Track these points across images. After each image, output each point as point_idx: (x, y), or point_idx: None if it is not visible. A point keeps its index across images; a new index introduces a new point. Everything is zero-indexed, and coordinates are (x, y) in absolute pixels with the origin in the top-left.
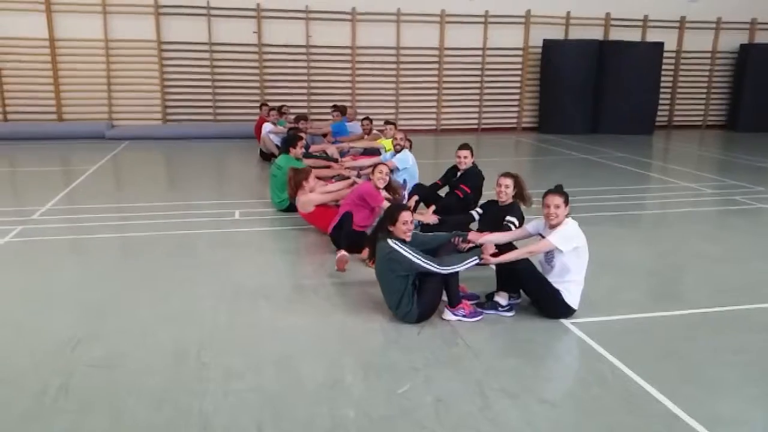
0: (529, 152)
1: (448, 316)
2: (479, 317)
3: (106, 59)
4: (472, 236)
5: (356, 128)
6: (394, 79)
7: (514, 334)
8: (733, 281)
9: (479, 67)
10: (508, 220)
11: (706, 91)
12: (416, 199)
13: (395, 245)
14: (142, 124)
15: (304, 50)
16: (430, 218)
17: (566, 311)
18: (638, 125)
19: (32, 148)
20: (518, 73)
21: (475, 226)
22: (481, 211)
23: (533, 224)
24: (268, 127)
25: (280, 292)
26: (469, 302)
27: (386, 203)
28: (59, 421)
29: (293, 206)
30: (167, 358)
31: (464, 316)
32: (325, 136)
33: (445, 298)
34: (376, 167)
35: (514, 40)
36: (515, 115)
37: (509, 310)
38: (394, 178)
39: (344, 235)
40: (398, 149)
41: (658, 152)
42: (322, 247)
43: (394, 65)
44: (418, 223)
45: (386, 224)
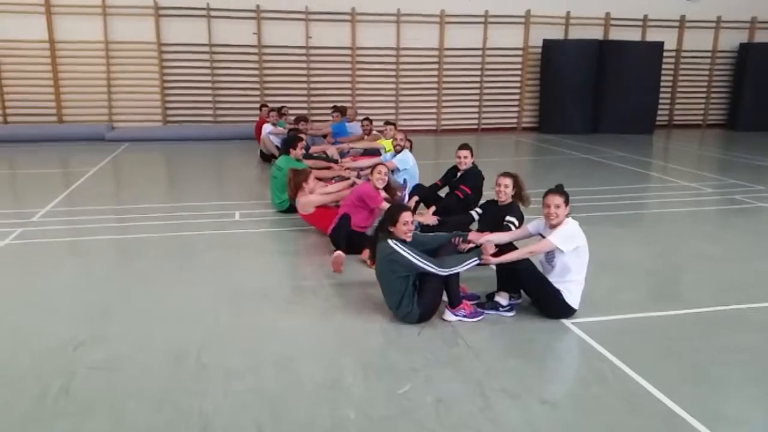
0: (529, 152)
1: (448, 316)
2: (480, 317)
3: (106, 61)
4: (472, 236)
5: (356, 129)
6: (393, 79)
7: (514, 334)
8: (733, 280)
9: (479, 67)
10: (508, 220)
11: (706, 90)
12: (416, 199)
13: (396, 246)
14: (142, 125)
15: (303, 51)
16: (429, 219)
17: (567, 311)
18: (638, 125)
19: (32, 150)
20: (518, 73)
21: (475, 226)
22: (480, 211)
23: (533, 224)
24: (268, 128)
25: (280, 293)
26: (469, 302)
27: (385, 204)
28: (60, 423)
29: (293, 207)
30: (167, 359)
31: (465, 316)
32: (325, 137)
33: (445, 298)
34: (374, 168)
35: (513, 40)
36: (515, 115)
37: (510, 310)
38: (393, 178)
39: (343, 236)
40: (398, 150)
41: (658, 151)
42: (322, 248)
43: (393, 66)
44: (417, 223)
45: (387, 225)
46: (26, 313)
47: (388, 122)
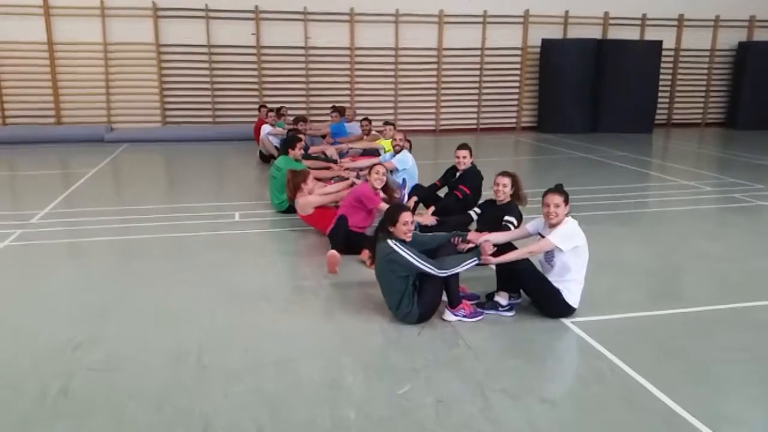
0: (528, 152)
1: (448, 316)
2: (479, 317)
3: (104, 62)
4: (471, 236)
5: (355, 129)
6: (392, 79)
7: (514, 334)
8: (733, 279)
9: (478, 67)
10: (506, 219)
11: (705, 88)
12: (415, 199)
13: (395, 246)
14: (141, 126)
15: (302, 51)
16: (428, 219)
17: (566, 310)
18: (637, 124)
19: (31, 151)
20: (517, 72)
21: (473, 226)
22: (479, 211)
23: (533, 223)
24: (266, 128)
25: (279, 293)
26: (469, 302)
27: (384, 205)
28: (59, 424)
29: (293, 208)
30: (167, 360)
31: (464, 316)
32: (324, 137)
33: (445, 298)
34: (372, 168)
35: (512, 39)
36: (514, 114)
37: (509, 310)
38: (392, 178)
39: (340, 237)
40: (397, 150)
41: (657, 150)
42: (321, 248)
43: (392, 66)
44: (416, 224)
45: (386, 225)
46: (26, 314)
47: (387, 122)
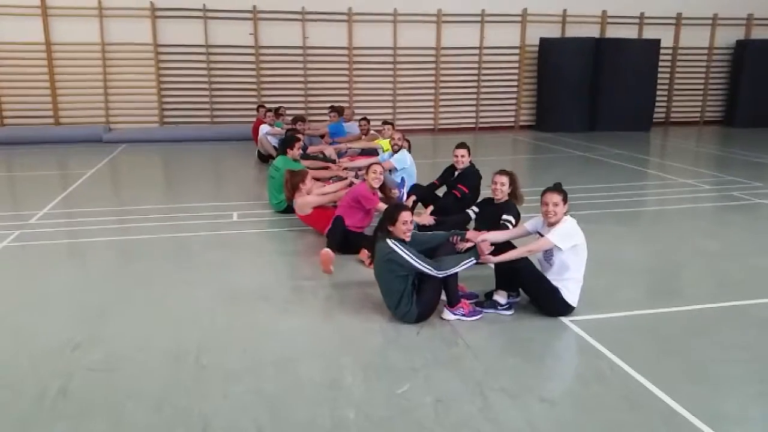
0: (526, 150)
1: (447, 315)
2: (478, 316)
3: (102, 63)
4: (470, 235)
5: (353, 129)
6: (391, 79)
7: (513, 333)
8: (732, 277)
9: (476, 66)
10: (504, 218)
11: (703, 87)
12: (414, 199)
13: (394, 246)
14: (139, 127)
15: (300, 51)
16: (426, 219)
17: (565, 309)
18: (635, 122)
19: (29, 152)
20: (515, 71)
21: (472, 225)
22: (477, 209)
23: (531, 222)
24: (265, 128)
25: (278, 293)
26: (468, 301)
27: (382, 205)
28: (58, 424)
29: (291, 207)
30: (166, 360)
31: (463, 315)
32: (322, 137)
33: (444, 297)
34: (369, 167)
35: (510, 38)
36: (512, 113)
37: (508, 308)
38: (389, 177)
39: (337, 238)
40: (396, 149)
41: (655, 149)
42: (320, 248)
43: (391, 65)
44: (415, 223)
45: (386, 224)
46: (24, 314)
47: (385, 122)
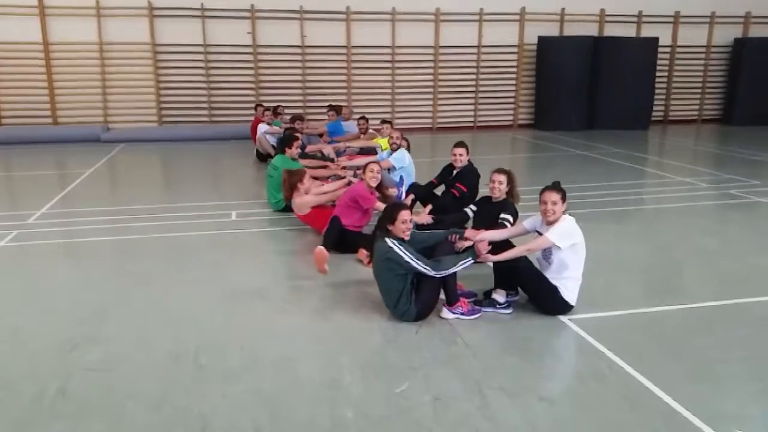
0: (525, 149)
1: (446, 314)
2: (477, 315)
3: (100, 62)
4: (468, 233)
5: (352, 127)
6: (389, 78)
7: (512, 331)
8: (730, 275)
9: (474, 64)
10: (502, 217)
11: (701, 85)
12: (412, 197)
13: (393, 245)
14: (137, 126)
15: (299, 50)
16: (424, 219)
17: (564, 308)
18: (634, 121)
19: (27, 151)
20: (513, 70)
21: (470, 224)
22: (475, 208)
23: (530, 221)
24: (263, 127)
25: (277, 292)
26: (466, 300)
27: (379, 204)
28: (57, 425)
29: (289, 207)
30: (165, 360)
31: (462, 314)
32: (321, 136)
33: (442, 296)
34: (367, 166)
35: (509, 37)
36: (511, 112)
37: (507, 307)
38: (387, 176)
39: (332, 239)
40: (394, 148)
41: (654, 147)
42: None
43: (389, 64)
44: (413, 223)
45: (385, 223)
46: (23, 314)
47: (384, 120)
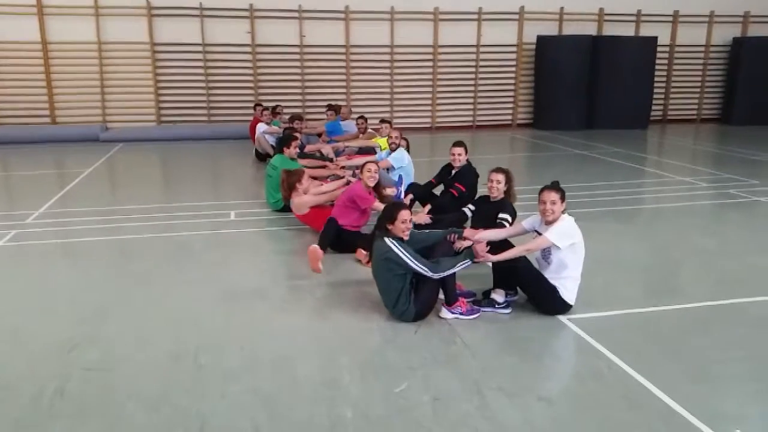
0: (524, 149)
1: (445, 314)
2: (476, 315)
3: (99, 61)
4: (467, 233)
5: (351, 127)
6: (388, 77)
7: (511, 331)
8: (729, 275)
9: (473, 64)
10: (501, 217)
11: (700, 84)
12: (411, 197)
13: (392, 245)
14: (136, 126)
15: (297, 50)
16: (422, 218)
17: (563, 307)
18: (633, 120)
19: (26, 151)
20: (512, 69)
21: (468, 224)
22: (473, 207)
23: (529, 221)
24: (262, 127)
25: (276, 292)
26: (465, 300)
27: (379, 204)
28: (55, 425)
29: (289, 206)
30: (164, 360)
31: (461, 314)
32: (319, 135)
33: (441, 296)
34: (364, 165)
35: (507, 36)
36: (510, 111)
37: (506, 307)
38: (386, 175)
39: (329, 239)
40: (393, 147)
41: (653, 147)
42: None
43: (388, 63)
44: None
45: (385, 222)
46: (21, 315)
47: (383, 120)
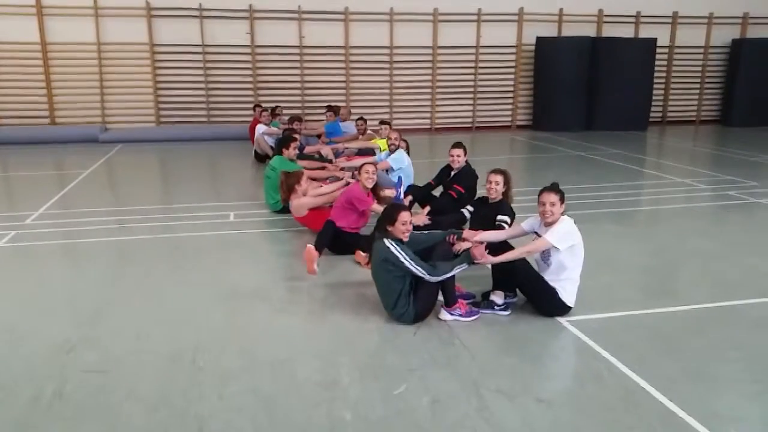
0: (523, 150)
1: (444, 315)
2: (475, 316)
3: (98, 62)
4: (466, 234)
5: (350, 128)
6: (387, 78)
7: (510, 333)
8: (728, 277)
9: (473, 65)
10: (500, 219)
11: (699, 86)
12: (410, 199)
13: (392, 246)
14: (135, 126)
15: (297, 51)
16: (421, 220)
17: (562, 309)
18: (632, 122)
19: (25, 152)
20: (512, 70)
21: (467, 225)
22: (472, 209)
23: (528, 222)
24: (261, 128)
25: (275, 293)
26: (465, 302)
27: (377, 205)
28: (54, 427)
29: (288, 208)
30: (162, 361)
31: (460, 315)
32: (319, 136)
33: (441, 297)
34: (362, 167)
35: (507, 37)
36: (509, 113)
37: (505, 309)
38: (386, 176)
39: (326, 241)
40: (393, 149)
41: (652, 148)
42: None
43: (387, 64)
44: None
45: (385, 224)
46: (20, 316)
47: (382, 121)
